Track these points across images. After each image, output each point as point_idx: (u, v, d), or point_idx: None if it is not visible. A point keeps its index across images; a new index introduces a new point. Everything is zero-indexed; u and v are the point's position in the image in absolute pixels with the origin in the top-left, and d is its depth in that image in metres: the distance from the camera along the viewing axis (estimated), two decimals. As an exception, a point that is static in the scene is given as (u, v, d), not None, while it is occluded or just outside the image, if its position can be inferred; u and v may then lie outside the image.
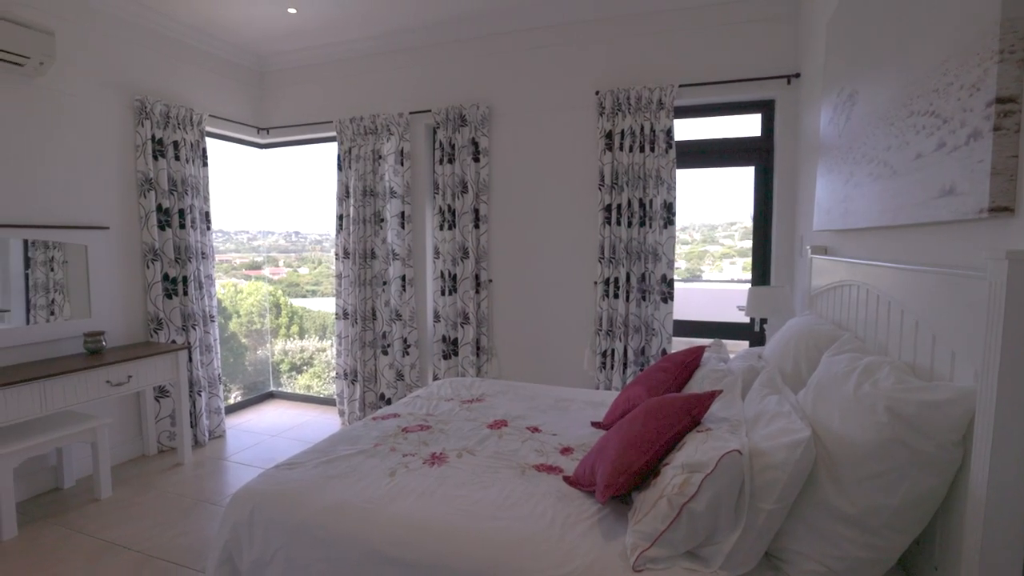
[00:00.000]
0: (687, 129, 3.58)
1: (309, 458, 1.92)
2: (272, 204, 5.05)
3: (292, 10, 3.53)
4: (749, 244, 3.56)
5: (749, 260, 3.55)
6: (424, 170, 3.96)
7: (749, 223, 3.58)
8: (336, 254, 4.12)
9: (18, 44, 2.75)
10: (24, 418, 2.64)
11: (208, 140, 3.90)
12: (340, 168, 4.05)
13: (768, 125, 3.36)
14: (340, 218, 4.06)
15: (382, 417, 2.35)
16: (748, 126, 3.48)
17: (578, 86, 3.55)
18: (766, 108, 3.35)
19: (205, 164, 3.81)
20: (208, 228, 3.84)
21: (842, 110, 2.07)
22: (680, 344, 3.58)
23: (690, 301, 3.85)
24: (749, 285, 3.48)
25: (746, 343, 3.54)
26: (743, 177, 3.52)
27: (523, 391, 2.75)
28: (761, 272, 3.45)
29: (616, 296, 3.47)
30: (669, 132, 3.28)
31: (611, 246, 3.44)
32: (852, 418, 1.22)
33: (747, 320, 3.41)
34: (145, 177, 3.45)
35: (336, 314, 4.15)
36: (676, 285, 3.40)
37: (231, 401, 4.64)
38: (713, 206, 4.02)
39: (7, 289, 2.98)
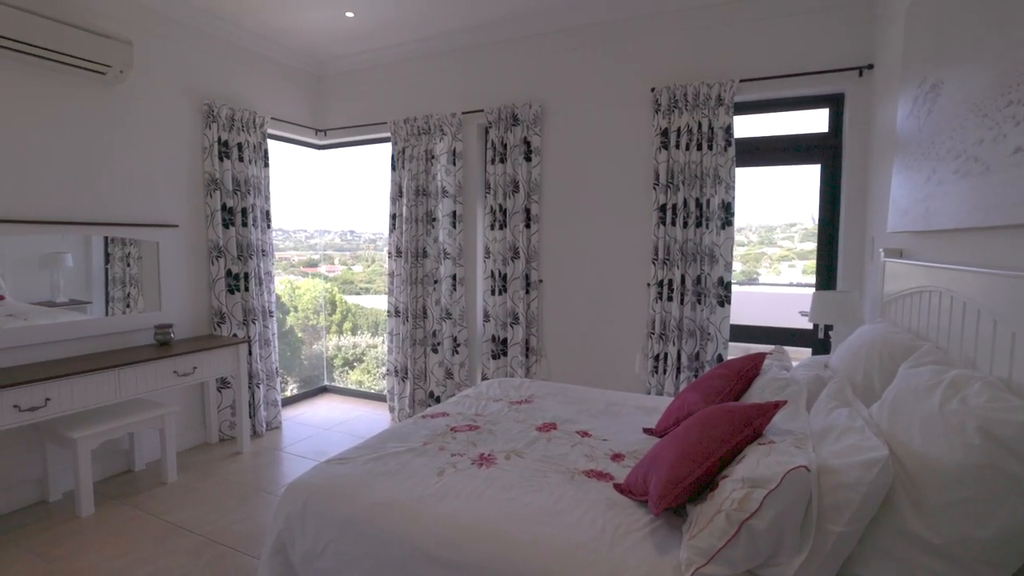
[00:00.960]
0: (748, 126, 3.43)
1: (359, 454, 1.94)
2: (329, 204, 5.19)
3: (350, 14, 3.61)
4: (809, 246, 3.38)
5: (810, 263, 3.37)
6: (476, 170, 3.97)
7: (810, 224, 3.39)
8: (389, 253, 4.19)
9: (101, 54, 2.93)
10: (101, 404, 2.81)
11: (269, 142, 4.05)
12: (394, 168, 4.11)
13: (836, 120, 3.18)
14: (393, 217, 4.13)
15: (431, 416, 2.36)
16: (814, 122, 3.30)
17: (632, 83, 3.47)
18: (834, 102, 3.16)
19: (267, 165, 3.96)
20: (268, 226, 3.98)
21: (923, 102, 1.92)
22: (736, 350, 3.44)
23: (747, 305, 3.69)
24: (813, 289, 3.30)
25: (809, 351, 3.36)
26: (805, 176, 3.34)
27: (573, 394, 2.70)
28: (826, 276, 3.26)
29: (670, 299, 3.36)
30: (728, 129, 3.15)
31: (665, 247, 3.34)
32: (936, 437, 1.12)
33: (810, 326, 3.24)
34: (211, 177, 3.62)
35: (388, 311, 4.23)
36: (733, 288, 3.27)
37: (288, 393, 4.81)
38: (771, 206, 3.84)
39: (89, 282, 3.19)
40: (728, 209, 3.20)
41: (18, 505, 2.86)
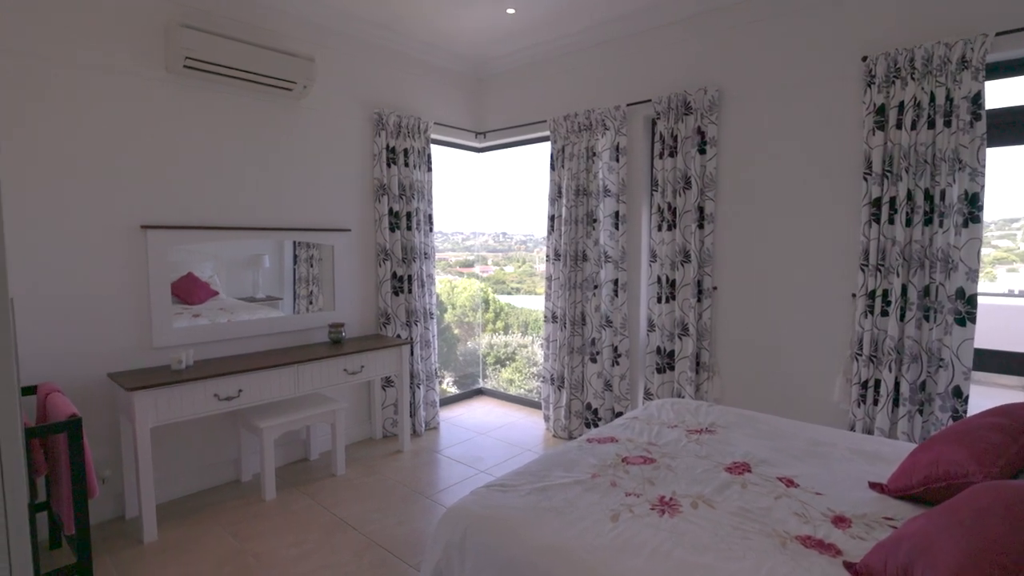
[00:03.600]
0: (1003, 93, 2.66)
1: (521, 481, 1.76)
2: (484, 206, 5.23)
3: (511, 11, 3.51)
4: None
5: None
6: (641, 166, 3.64)
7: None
8: (547, 255, 4.03)
9: (289, 72, 3.15)
10: (283, 397, 3.02)
11: (432, 146, 4.12)
12: (553, 167, 3.94)
13: None
14: (551, 219, 3.96)
15: (598, 440, 2.11)
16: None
17: (835, 53, 2.88)
18: None
19: (429, 169, 4.03)
20: (431, 230, 4.06)
21: None
22: (982, 383, 2.71)
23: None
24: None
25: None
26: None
27: (763, 425, 2.27)
28: None
29: (885, 313, 2.74)
30: (976, 99, 2.46)
31: (880, 250, 2.72)
32: None
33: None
34: (380, 183, 3.76)
35: (544, 316, 4.07)
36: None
37: (444, 386, 4.92)
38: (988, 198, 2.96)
39: (282, 281, 3.49)
40: (974, 202, 2.51)
41: (219, 481, 3.19)
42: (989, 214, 3.16)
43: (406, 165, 3.87)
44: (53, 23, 2.52)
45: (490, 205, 5.30)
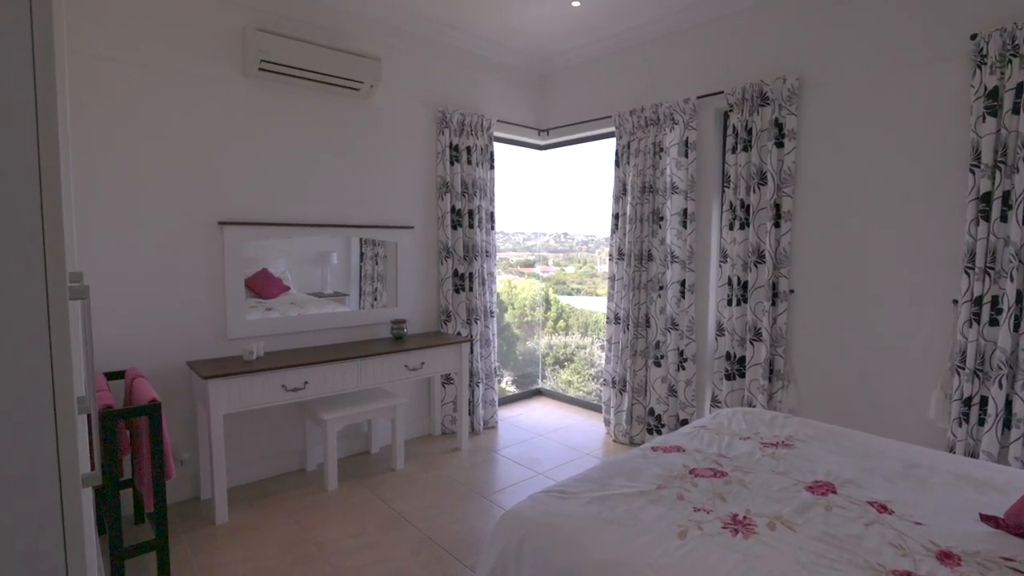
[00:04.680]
0: None
1: (581, 488, 1.68)
2: (545, 206, 5.18)
3: (576, 3, 3.42)
4: None
5: None
6: (712, 161, 3.45)
7: None
8: (610, 255, 3.91)
9: (357, 72, 3.21)
10: (346, 390, 3.08)
11: (494, 144, 4.08)
12: (618, 164, 3.82)
13: None
14: (616, 217, 3.84)
15: (663, 449, 1.99)
16: None
17: (936, 31, 2.61)
18: None
19: (492, 167, 4.01)
20: (492, 228, 4.04)
21: None
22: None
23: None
24: None
25: None
26: None
27: (847, 441, 2.07)
28: None
29: (994, 322, 2.45)
30: (1114, 78, 2.15)
31: (989, 251, 2.44)
32: None
33: None
34: (443, 181, 3.77)
35: (607, 318, 3.95)
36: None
37: (503, 385, 4.89)
38: None
39: (348, 277, 3.57)
40: (1109, 196, 2.19)
41: (285, 469, 3.29)
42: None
43: (469, 163, 3.86)
44: (140, 33, 2.67)
45: (552, 204, 5.25)
